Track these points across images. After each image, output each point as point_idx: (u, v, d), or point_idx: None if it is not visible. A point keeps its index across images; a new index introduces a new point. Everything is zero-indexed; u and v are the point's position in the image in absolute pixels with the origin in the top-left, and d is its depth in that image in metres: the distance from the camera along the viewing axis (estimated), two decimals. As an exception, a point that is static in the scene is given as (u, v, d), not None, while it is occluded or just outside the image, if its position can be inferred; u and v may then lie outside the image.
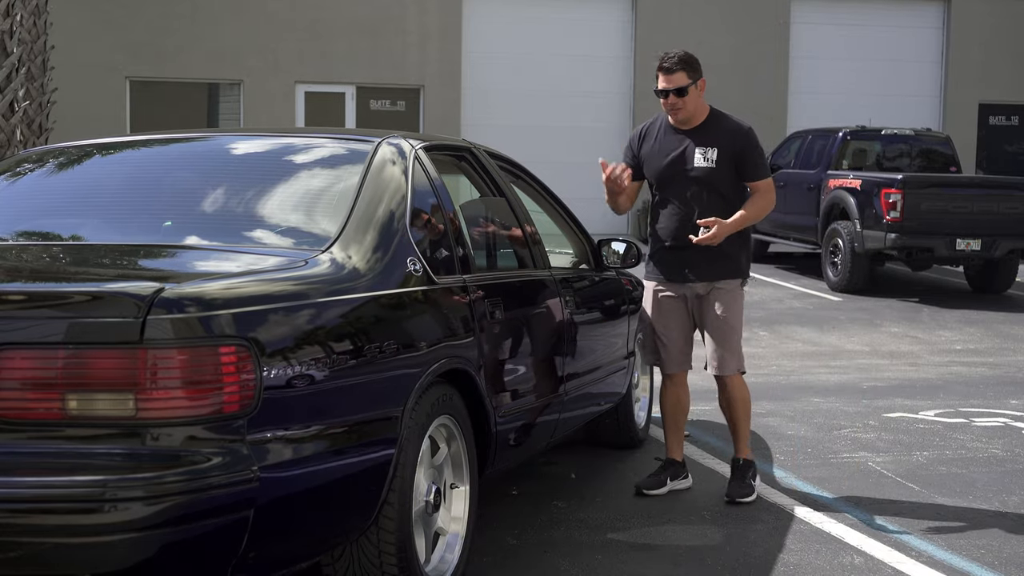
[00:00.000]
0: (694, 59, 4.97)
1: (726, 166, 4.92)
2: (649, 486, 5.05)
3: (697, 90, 4.92)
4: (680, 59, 4.92)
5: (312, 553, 3.18)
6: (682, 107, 4.91)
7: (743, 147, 4.93)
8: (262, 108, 17.56)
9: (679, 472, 5.15)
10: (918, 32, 19.80)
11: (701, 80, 4.94)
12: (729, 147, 4.91)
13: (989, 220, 11.94)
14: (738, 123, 4.99)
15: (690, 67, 4.91)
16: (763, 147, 5.07)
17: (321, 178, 3.96)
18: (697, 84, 4.92)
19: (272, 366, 2.84)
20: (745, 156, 4.93)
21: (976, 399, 7.35)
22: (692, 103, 4.93)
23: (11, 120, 9.26)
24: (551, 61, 18.55)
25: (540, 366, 4.50)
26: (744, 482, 4.98)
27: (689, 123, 4.97)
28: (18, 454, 2.67)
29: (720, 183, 4.91)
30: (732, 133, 4.94)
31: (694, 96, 4.92)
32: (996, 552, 4.33)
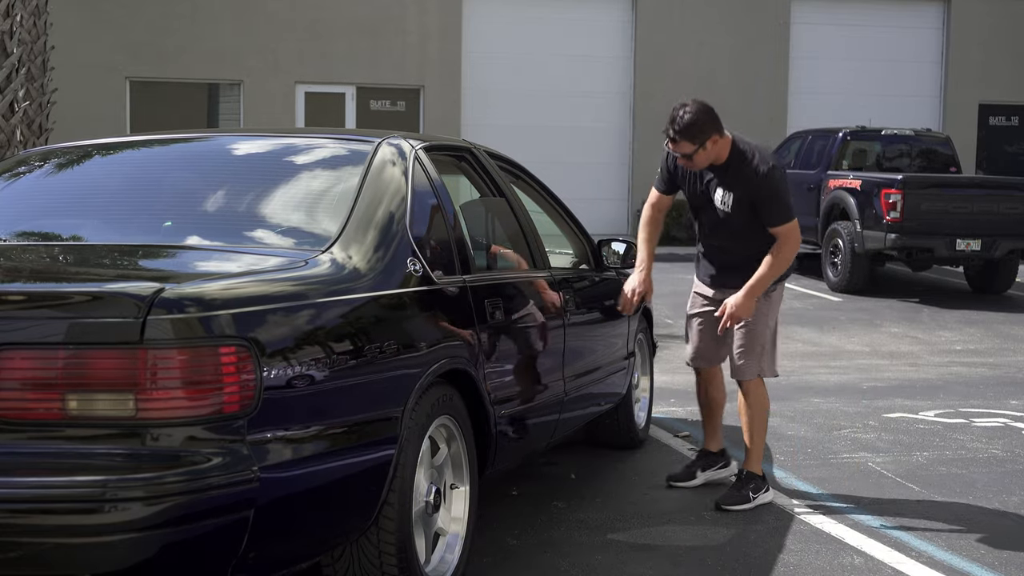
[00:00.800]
0: (700, 121, 4.64)
1: (743, 211, 4.78)
2: (677, 477, 5.15)
3: (707, 148, 4.69)
4: (683, 129, 4.64)
5: (312, 553, 3.19)
6: (694, 165, 4.77)
7: (757, 195, 4.74)
8: (262, 108, 17.56)
9: (713, 462, 5.15)
10: (918, 32, 19.80)
11: (711, 138, 4.66)
12: (744, 195, 4.76)
13: (989, 220, 11.94)
14: (755, 167, 4.71)
15: (693, 136, 4.64)
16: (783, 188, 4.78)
17: (321, 178, 3.96)
18: (706, 145, 4.67)
19: (272, 366, 2.84)
20: (761, 203, 4.74)
21: (976, 399, 7.35)
22: (704, 160, 4.75)
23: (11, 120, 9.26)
24: (551, 61, 18.55)
25: (540, 366, 4.50)
26: (740, 492, 4.87)
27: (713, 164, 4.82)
28: (18, 454, 2.67)
29: (740, 223, 4.81)
30: (747, 181, 4.72)
31: (704, 154, 4.71)
32: (996, 552, 4.33)
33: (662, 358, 6.86)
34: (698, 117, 4.62)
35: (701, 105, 4.68)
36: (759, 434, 4.99)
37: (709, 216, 4.92)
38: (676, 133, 4.65)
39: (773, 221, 4.74)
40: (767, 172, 4.69)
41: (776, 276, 4.78)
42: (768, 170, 4.69)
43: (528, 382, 4.36)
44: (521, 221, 4.72)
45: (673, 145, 4.71)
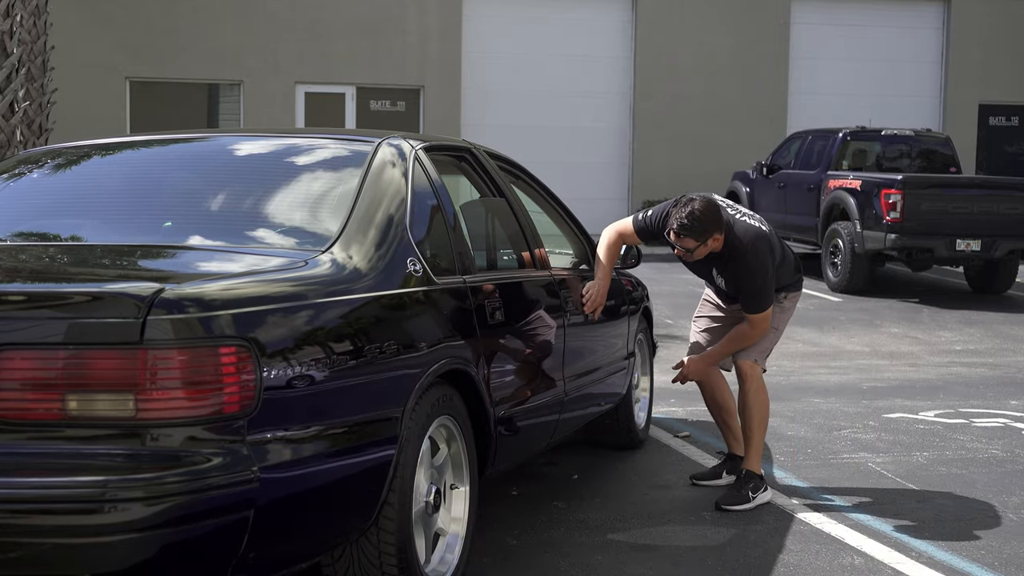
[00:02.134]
0: (704, 220, 4.75)
1: (735, 290, 5.00)
2: (702, 476, 5.24)
3: (707, 246, 4.81)
4: (689, 227, 4.74)
5: (312, 553, 3.19)
6: (690, 257, 4.89)
7: (741, 286, 4.94)
8: (262, 108, 17.56)
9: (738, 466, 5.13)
10: (918, 32, 19.80)
11: (713, 236, 4.78)
12: (733, 281, 4.96)
13: (989, 220, 11.94)
14: (744, 263, 4.86)
15: (698, 234, 4.76)
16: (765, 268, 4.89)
17: (321, 179, 3.96)
18: (707, 243, 4.80)
19: (272, 366, 2.84)
20: (742, 292, 4.95)
21: (976, 400, 7.35)
22: (702, 254, 4.87)
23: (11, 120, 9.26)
24: (551, 61, 18.55)
25: (540, 366, 4.50)
26: (739, 492, 4.88)
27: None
28: (18, 454, 2.67)
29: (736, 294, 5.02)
30: (735, 273, 4.91)
31: (703, 250, 4.84)
32: (996, 552, 4.33)
33: (662, 358, 6.86)
34: (705, 217, 4.72)
35: (707, 204, 4.75)
36: (759, 433, 5.01)
37: (707, 280, 5.19)
38: (682, 229, 4.74)
39: (748, 309, 4.94)
40: (754, 269, 4.85)
41: (735, 349, 5.04)
42: (756, 267, 4.85)
43: (528, 382, 4.36)
44: (521, 221, 4.72)
45: (676, 239, 4.78)
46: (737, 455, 5.19)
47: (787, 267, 5.10)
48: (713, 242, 4.80)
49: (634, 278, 5.92)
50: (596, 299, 4.99)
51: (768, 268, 4.88)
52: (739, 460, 5.14)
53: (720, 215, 4.80)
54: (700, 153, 18.46)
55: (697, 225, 4.72)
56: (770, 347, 5.13)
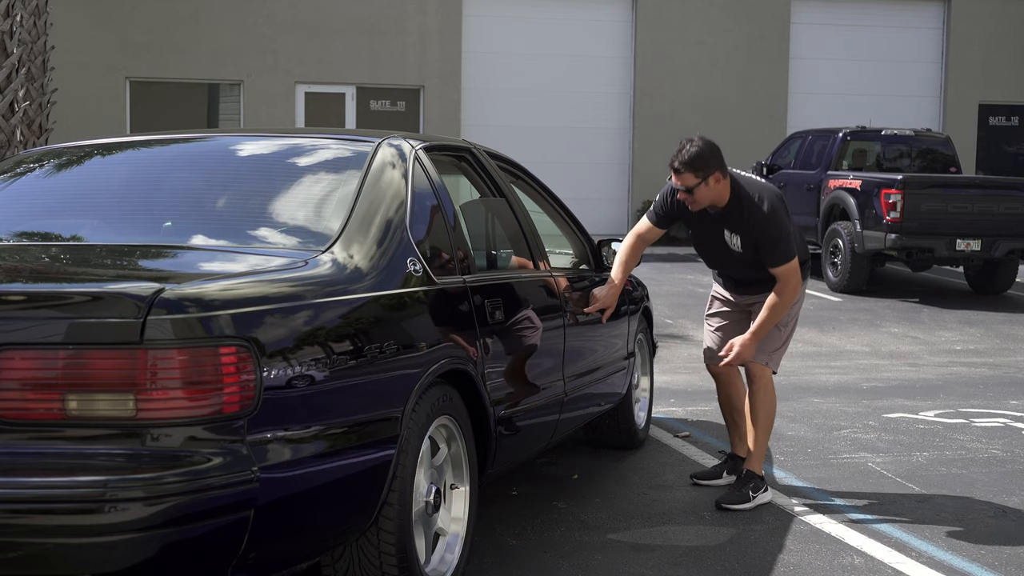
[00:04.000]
0: (704, 155, 4.72)
1: (752, 250, 4.87)
2: (703, 475, 5.21)
3: (709, 185, 4.74)
4: (688, 160, 4.70)
5: (312, 553, 3.19)
6: (695, 201, 4.80)
7: (757, 237, 4.81)
8: (262, 108, 17.56)
9: (739, 467, 5.12)
10: (918, 32, 19.80)
11: (714, 174, 4.72)
12: (748, 236, 4.85)
13: (989, 220, 11.94)
14: (755, 210, 4.79)
15: (697, 168, 4.70)
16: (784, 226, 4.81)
17: (321, 179, 3.96)
18: (708, 180, 4.72)
19: (272, 366, 2.84)
20: (761, 245, 4.82)
21: (976, 399, 7.35)
22: (705, 198, 4.78)
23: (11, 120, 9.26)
24: (551, 61, 18.55)
25: (540, 366, 4.50)
26: (740, 491, 4.88)
27: (715, 208, 4.86)
28: (18, 454, 2.67)
29: (752, 259, 4.89)
30: (748, 223, 4.80)
31: (706, 191, 4.76)
32: (996, 552, 4.33)
33: (662, 358, 6.86)
34: (704, 151, 4.70)
35: (708, 141, 4.76)
36: (763, 434, 5.01)
37: (719, 253, 5.01)
38: (681, 164, 4.71)
39: (772, 262, 4.81)
40: (768, 214, 4.76)
41: (779, 318, 4.87)
42: (769, 211, 4.76)
43: (528, 382, 4.36)
44: (521, 221, 4.72)
45: (676, 177, 4.75)
46: (739, 456, 5.19)
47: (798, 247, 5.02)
48: (715, 183, 4.72)
49: (634, 278, 5.91)
50: (604, 301, 4.98)
51: (782, 216, 4.78)
52: (740, 461, 5.14)
53: (720, 154, 4.75)
54: (700, 153, 18.44)
55: (696, 159, 4.68)
56: (781, 347, 5.05)
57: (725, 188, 4.79)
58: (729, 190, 4.80)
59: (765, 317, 4.84)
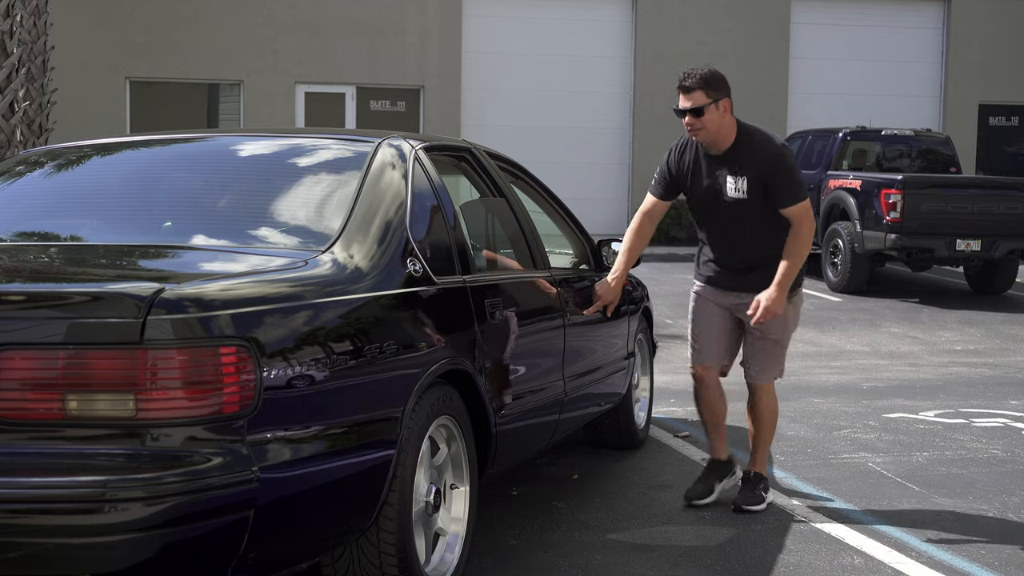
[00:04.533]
0: (717, 76, 4.58)
1: (759, 196, 4.60)
2: (698, 495, 4.88)
3: (719, 111, 4.54)
4: (700, 76, 4.54)
5: (312, 553, 3.19)
6: (701, 128, 4.56)
7: (771, 172, 4.57)
8: (262, 108, 17.56)
9: (725, 471, 5.00)
10: (918, 32, 19.80)
11: (724, 100, 4.55)
12: (756, 174, 4.57)
13: (989, 220, 11.94)
14: (766, 144, 4.61)
15: (710, 85, 4.52)
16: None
17: (321, 179, 3.96)
18: (719, 104, 4.53)
19: (272, 366, 2.84)
20: (775, 180, 4.57)
21: (976, 399, 7.35)
22: (713, 124, 4.56)
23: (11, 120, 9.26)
24: (551, 61, 18.55)
25: (540, 366, 4.50)
26: (754, 492, 4.83)
27: (718, 147, 4.64)
28: (18, 454, 2.67)
29: (757, 212, 4.63)
30: (760, 158, 4.57)
31: (715, 117, 4.54)
32: (996, 552, 4.33)
33: (662, 358, 6.86)
34: (717, 73, 4.57)
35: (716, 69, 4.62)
36: (768, 437, 4.98)
37: (719, 216, 4.72)
38: (693, 81, 4.52)
39: (788, 200, 4.57)
40: (779, 148, 4.60)
41: (802, 262, 4.64)
42: (781, 145, 4.63)
43: (528, 382, 4.36)
44: (521, 221, 4.72)
45: (685, 97, 4.53)
46: (719, 459, 5.01)
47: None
48: (723, 112, 4.54)
49: (634, 278, 5.91)
50: (606, 297, 4.87)
51: (793, 157, 4.64)
52: (723, 465, 4.99)
53: (727, 82, 4.62)
54: (700, 153, 18.46)
55: (710, 77, 4.52)
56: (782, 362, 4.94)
57: (732, 124, 4.61)
58: (734, 130, 4.62)
59: (787, 265, 4.58)
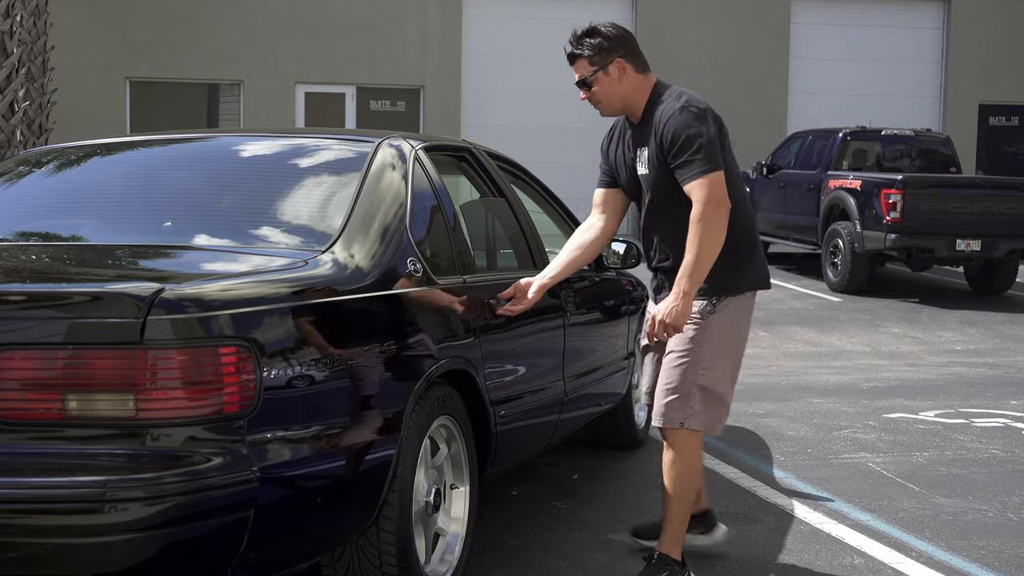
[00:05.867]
0: (604, 35, 3.74)
1: (663, 169, 3.72)
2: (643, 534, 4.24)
3: (611, 76, 3.75)
4: (579, 39, 3.75)
5: (312, 553, 3.19)
6: (597, 101, 3.82)
7: (663, 137, 3.67)
8: (262, 108, 17.57)
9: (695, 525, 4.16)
10: (918, 32, 19.81)
11: (617, 61, 3.73)
12: (657, 142, 3.71)
13: (989, 220, 11.94)
14: (670, 102, 3.71)
15: (591, 49, 3.74)
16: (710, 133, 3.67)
17: (321, 179, 3.96)
18: (608, 69, 3.73)
19: (272, 366, 2.84)
20: (669, 149, 3.65)
21: (976, 399, 7.35)
22: (607, 94, 3.78)
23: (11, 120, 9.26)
24: (551, 61, 18.36)
25: (540, 366, 4.50)
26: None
27: (634, 116, 3.85)
28: (18, 455, 2.67)
29: (662, 191, 3.75)
30: (658, 121, 3.70)
31: (606, 85, 3.76)
32: (996, 552, 4.33)
33: (662, 358, 6.87)
34: (603, 31, 3.74)
35: (616, 26, 3.81)
36: (678, 507, 3.82)
37: (639, 200, 3.92)
38: (575, 46, 3.75)
39: (683, 171, 3.61)
40: (684, 105, 3.66)
41: (708, 256, 3.58)
42: (684, 104, 3.66)
43: (528, 382, 4.36)
44: (521, 221, 4.72)
45: (572, 67, 3.79)
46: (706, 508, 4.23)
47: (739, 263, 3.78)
48: (619, 74, 3.73)
49: (634, 278, 5.91)
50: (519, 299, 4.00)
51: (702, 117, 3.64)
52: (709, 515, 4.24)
53: (630, 40, 3.78)
54: (700, 153, 18.46)
55: (592, 37, 3.73)
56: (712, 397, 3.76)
57: (638, 86, 3.78)
58: (646, 92, 3.79)
59: (687, 263, 3.58)
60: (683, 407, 3.75)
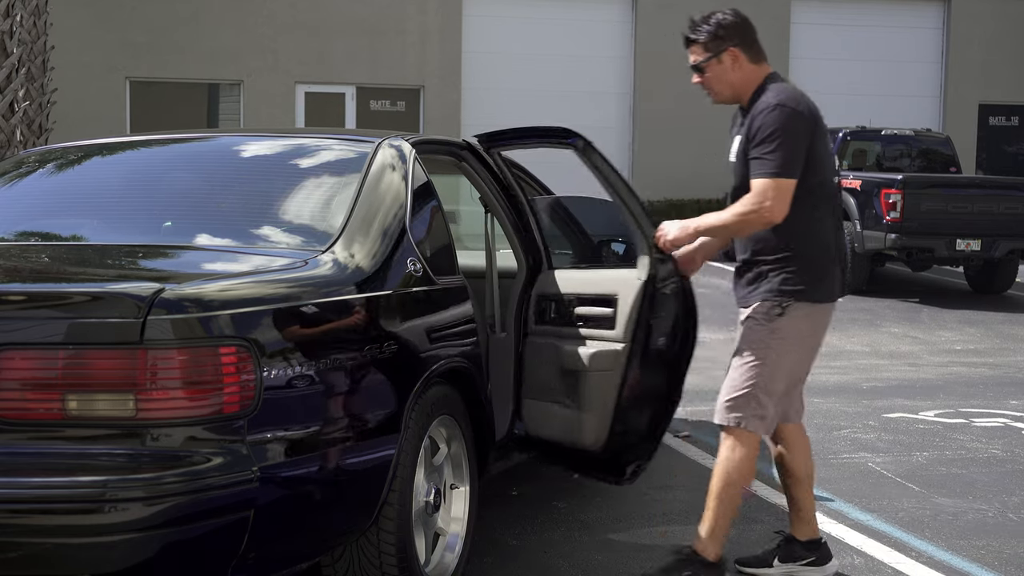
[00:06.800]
0: (724, 24, 3.79)
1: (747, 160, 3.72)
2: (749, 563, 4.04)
3: (724, 64, 3.77)
4: (697, 26, 3.81)
5: (312, 553, 3.19)
6: (709, 88, 3.84)
7: (750, 130, 3.69)
8: (262, 108, 17.56)
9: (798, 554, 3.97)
10: (918, 32, 19.81)
11: (730, 50, 3.76)
12: (745, 134, 3.73)
13: (989, 220, 11.94)
14: (766, 98, 3.70)
15: (706, 36, 3.77)
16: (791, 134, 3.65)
17: (321, 179, 3.96)
18: (722, 58, 3.76)
19: (272, 366, 2.84)
20: (751, 142, 3.67)
21: (976, 399, 7.34)
22: (718, 82, 3.80)
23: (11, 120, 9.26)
24: (551, 61, 18.55)
25: (540, 366, 4.49)
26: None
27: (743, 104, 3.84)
28: (18, 454, 2.67)
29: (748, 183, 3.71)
30: (752, 114, 3.71)
31: (718, 72, 3.78)
32: (996, 552, 4.33)
33: (662, 358, 6.86)
34: (720, 18, 3.78)
35: (737, 12, 3.85)
36: (718, 503, 3.78)
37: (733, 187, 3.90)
38: (692, 31, 3.80)
39: (754, 167, 3.64)
40: (775, 105, 3.65)
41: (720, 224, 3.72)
42: (776, 104, 3.65)
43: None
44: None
45: (687, 50, 3.82)
46: (797, 539, 4.00)
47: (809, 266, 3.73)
48: (732, 63, 3.76)
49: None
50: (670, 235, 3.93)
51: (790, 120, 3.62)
52: (797, 546, 3.98)
53: (747, 29, 3.82)
54: (700, 153, 18.45)
55: (707, 23, 3.78)
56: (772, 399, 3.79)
57: (750, 76, 3.78)
58: (757, 82, 3.78)
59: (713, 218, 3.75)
60: (743, 408, 3.75)
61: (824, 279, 3.75)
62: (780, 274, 3.70)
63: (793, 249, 3.69)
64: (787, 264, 3.70)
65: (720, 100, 3.87)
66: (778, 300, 3.71)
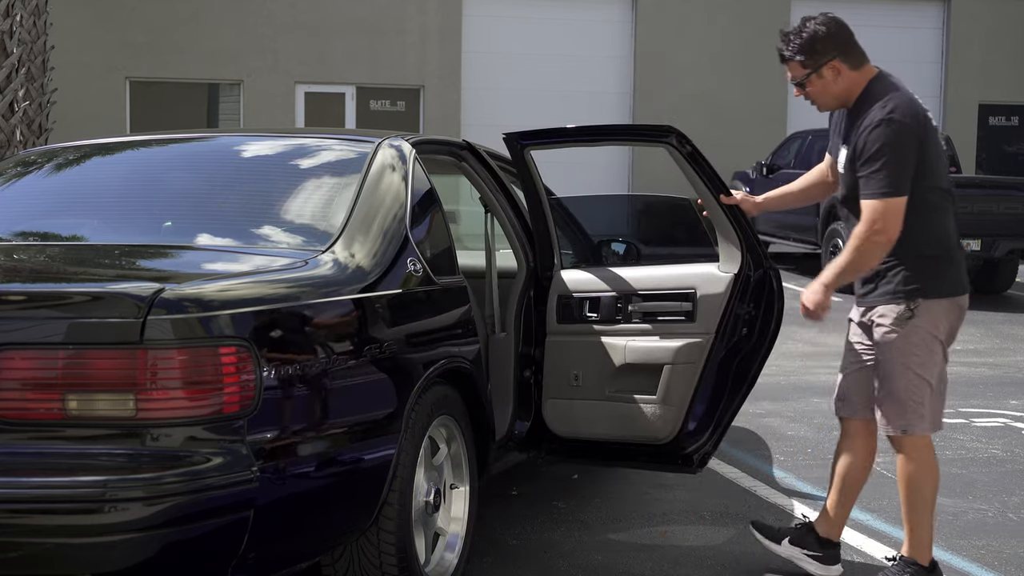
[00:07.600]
0: (821, 36, 3.75)
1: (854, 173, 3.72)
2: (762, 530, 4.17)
3: (825, 78, 3.75)
4: (790, 43, 3.79)
5: (312, 553, 3.19)
6: (813, 100, 3.84)
7: (858, 144, 3.66)
8: (262, 108, 17.56)
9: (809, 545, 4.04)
10: (918, 32, 19.80)
11: (831, 64, 3.73)
12: (853, 147, 3.71)
13: (989, 220, 11.93)
14: (874, 108, 3.66)
15: (805, 53, 3.74)
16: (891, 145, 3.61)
17: (321, 179, 3.96)
18: (822, 72, 3.73)
19: (272, 366, 2.84)
20: (859, 157, 3.66)
21: (976, 399, 7.35)
22: (825, 95, 3.79)
23: (11, 120, 9.26)
24: (551, 61, 18.55)
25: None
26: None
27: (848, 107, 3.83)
28: (18, 454, 2.67)
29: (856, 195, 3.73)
30: (860, 126, 3.68)
31: (820, 87, 3.77)
32: (996, 552, 4.33)
33: (662, 358, 6.87)
34: (819, 31, 3.74)
35: (831, 19, 3.82)
36: (916, 514, 3.79)
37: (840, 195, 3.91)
38: (787, 47, 3.77)
39: (864, 186, 3.63)
40: (883, 119, 3.61)
41: (848, 264, 3.71)
42: (885, 116, 3.61)
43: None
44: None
45: (783, 64, 3.82)
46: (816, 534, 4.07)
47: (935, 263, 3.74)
48: (833, 76, 3.75)
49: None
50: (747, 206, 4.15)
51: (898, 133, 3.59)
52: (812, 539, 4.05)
53: (846, 35, 3.78)
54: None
55: (801, 40, 3.74)
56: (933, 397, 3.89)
57: (855, 83, 3.77)
58: (862, 86, 3.77)
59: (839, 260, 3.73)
60: (902, 415, 3.79)
61: (944, 274, 3.77)
62: (899, 273, 3.74)
63: (906, 247, 3.69)
64: (902, 263, 3.73)
65: (825, 109, 3.89)
66: (904, 302, 3.75)
